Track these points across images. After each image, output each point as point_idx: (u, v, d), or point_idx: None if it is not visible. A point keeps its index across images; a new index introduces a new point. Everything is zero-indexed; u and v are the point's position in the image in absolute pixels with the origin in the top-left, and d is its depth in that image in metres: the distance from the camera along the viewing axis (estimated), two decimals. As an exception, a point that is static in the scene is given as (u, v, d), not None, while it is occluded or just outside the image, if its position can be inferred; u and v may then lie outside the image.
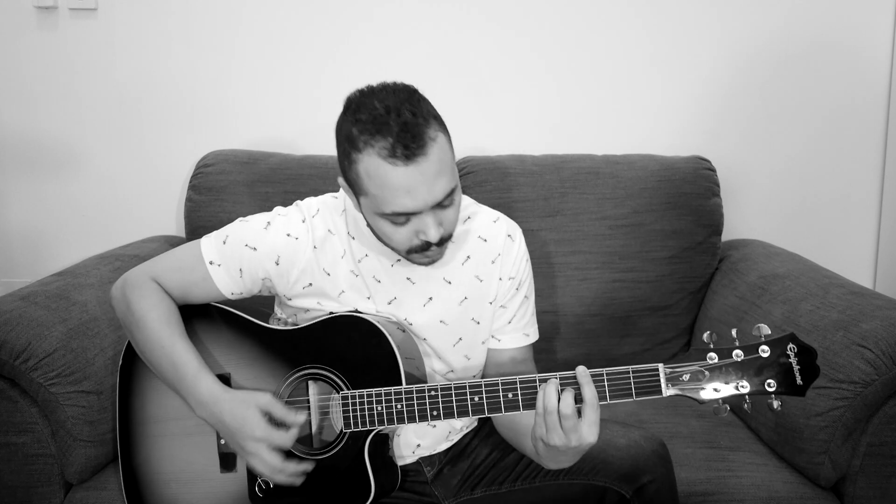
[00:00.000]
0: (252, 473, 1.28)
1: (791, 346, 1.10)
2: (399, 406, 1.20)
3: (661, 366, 1.12)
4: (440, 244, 1.19)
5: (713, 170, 1.95)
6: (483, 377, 1.39)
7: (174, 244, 1.98)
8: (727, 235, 2.04)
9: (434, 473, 1.38)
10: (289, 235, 1.28)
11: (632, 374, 1.12)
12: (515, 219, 1.43)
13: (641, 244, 1.88)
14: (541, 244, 1.87)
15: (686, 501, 1.42)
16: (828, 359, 1.43)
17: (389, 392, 1.21)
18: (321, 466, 1.25)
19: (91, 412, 1.45)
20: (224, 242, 1.29)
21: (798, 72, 2.10)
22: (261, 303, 1.40)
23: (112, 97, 2.13)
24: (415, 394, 1.20)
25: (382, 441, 1.28)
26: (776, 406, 1.10)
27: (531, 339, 1.41)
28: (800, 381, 1.09)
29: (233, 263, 1.28)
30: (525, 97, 2.11)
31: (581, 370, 1.13)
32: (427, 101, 1.17)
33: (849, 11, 2.07)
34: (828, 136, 2.14)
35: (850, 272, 1.91)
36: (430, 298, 1.31)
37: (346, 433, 1.24)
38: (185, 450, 1.32)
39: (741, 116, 2.13)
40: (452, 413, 1.19)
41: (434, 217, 1.16)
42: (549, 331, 1.87)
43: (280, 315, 1.40)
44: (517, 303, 1.37)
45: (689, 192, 1.90)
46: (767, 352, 1.10)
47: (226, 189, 1.91)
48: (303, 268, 1.28)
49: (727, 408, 1.12)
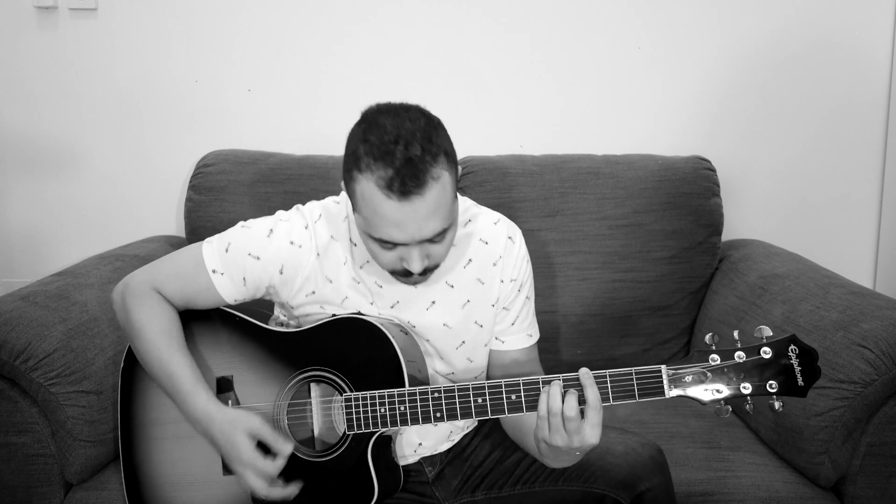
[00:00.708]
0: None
1: (792, 348, 1.11)
2: (402, 408, 1.20)
3: (664, 367, 1.12)
4: (423, 274, 1.19)
5: (713, 170, 1.95)
6: (487, 379, 1.39)
7: (174, 244, 1.98)
8: (727, 235, 2.04)
9: (435, 474, 1.38)
10: (292, 243, 1.27)
11: (635, 376, 1.13)
12: (515, 219, 1.43)
13: (641, 244, 1.88)
14: (541, 244, 1.86)
15: (686, 502, 1.43)
16: (828, 359, 1.43)
17: (393, 394, 1.20)
18: (324, 469, 1.25)
19: (91, 412, 1.45)
20: (226, 251, 1.28)
21: (798, 72, 2.10)
22: (260, 304, 1.41)
23: (112, 97, 2.13)
24: (418, 396, 1.20)
25: (385, 443, 1.28)
26: (777, 407, 1.11)
27: (533, 340, 1.41)
28: (801, 382, 1.10)
29: (236, 272, 1.27)
30: (525, 97, 2.11)
31: (584, 372, 1.13)
32: (444, 136, 1.15)
33: (849, 11, 2.07)
34: (828, 136, 2.14)
35: (850, 272, 1.91)
36: (433, 302, 1.31)
37: (350, 435, 1.24)
38: (187, 453, 1.32)
39: (741, 116, 2.13)
40: (456, 415, 1.19)
41: (420, 250, 1.16)
42: (549, 331, 1.87)
43: (281, 317, 1.39)
44: (519, 304, 1.37)
45: (689, 192, 1.90)
46: (769, 353, 1.11)
47: (226, 189, 1.91)
48: (306, 276, 1.28)
49: (729, 409, 1.12)
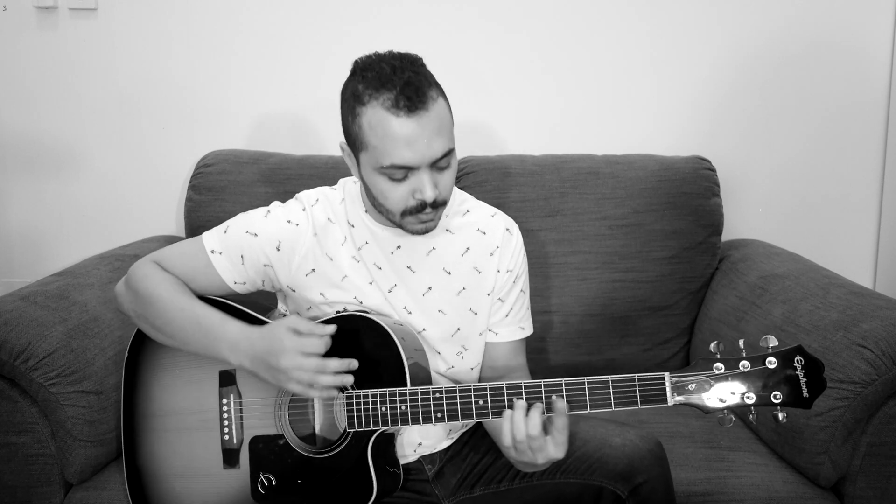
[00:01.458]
0: (254, 471, 1.28)
1: (798, 359, 1.10)
2: (403, 407, 1.20)
3: (667, 375, 1.12)
4: (434, 206, 1.21)
5: (713, 170, 1.95)
6: (480, 370, 1.41)
7: (174, 244, 1.98)
8: (727, 235, 2.04)
9: (435, 472, 1.39)
10: (289, 222, 1.31)
11: (637, 383, 1.13)
12: (515, 219, 1.44)
13: (641, 244, 1.88)
14: (541, 244, 1.87)
15: (686, 501, 1.43)
16: (828, 359, 1.43)
17: (394, 393, 1.21)
18: (323, 465, 1.26)
19: (91, 412, 1.45)
20: (225, 232, 1.32)
21: (798, 72, 2.10)
22: (262, 297, 1.41)
23: (112, 97, 2.13)
24: (419, 395, 1.20)
25: (387, 441, 1.28)
26: (781, 418, 1.10)
27: (526, 333, 1.43)
28: (806, 394, 1.09)
29: (234, 250, 1.30)
30: (525, 97, 2.11)
31: (560, 404, 1.14)
32: (429, 71, 1.21)
33: (849, 11, 2.07)
34: (828, 136, 2.14)
35: (850, 272, 1.91)
36: (430, 288, 1.33)
37: (350, 433, 1.24)
38: (188, 445, 1.33)
39: (741, 116, 2.13)
40: (457, 416, 1.19)
41: (430, 176, 1.19)
42: (549, 331, 1.87)
43: (284, 311, 1.40)
44: (514, 296, 1.39)
45: (689, 192, 1.90)
46: (774, 363, 1.10)
47: (226, 189, 1.91)
48: (304, 253, 1.30)
49: (732, 418, 1.11)
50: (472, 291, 1.35)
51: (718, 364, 1.11)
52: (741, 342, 1.12)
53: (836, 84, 2.11)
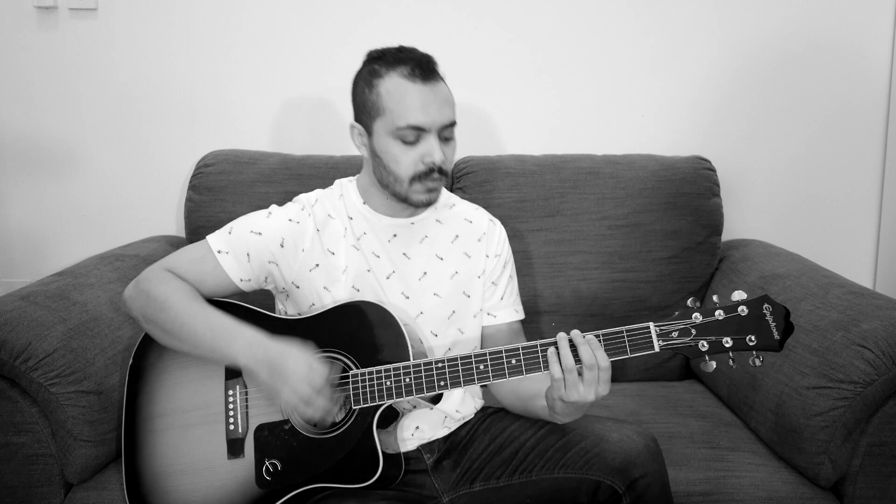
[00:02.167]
0: (259, 458, 1.30)
1: (766, 306, 1.20)
2: (407, 379, 1.27)
3: (652, 324, 1.21)
4: (441, 173, 1.33)
5: (713, 170, 1.95)
6: None
7: (174, 244, 1.98)
8: (727, 235, 2.04)
9: (434, 461, 1.41)
10: (290, 220, 1.39)
11: (626, 334, 1.21)
12: (515, 219, 1.48)
13: (641, 244, 1.88)
14: (541, 244, 1.87)
15: (686, 501, 1.43)
16: (828, 359, 1.43)
17: (398, 367, 1.27)
18: (330, 444, 1.29)
19: (91, 412, 1.45)
20: (230, 233, 1.38)
21: (798, 72, 2.10)
22: (263, 304, 1.41)
23: (112, 97, 2.13)
24: (423, 367, 1.26)
25: (390, 418, 1.31)
26: (758, 363, 1.19)
27: (520, 316, 1.51)
28: (777, 336, 1.20)
29: (240, 249, 1.36)
30: (525, 97, 2.11)
31: (589, 337, 1.21)
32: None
33: (849, 11, 2.07)
34: (828, 136, 2.14)
35: (850, 272, 1.91)
36: (425, 273, 1.42)
37: (356, 410, 1.29)
38: (192, 441, 1.34)
39: (741, 116, 2.13)
40: (459, 381, 1.25)
41: (434, 142, 1.31)
42: (550, 331, 1.87)
43: (283, 311, 1.45)
44: (505, 280, 1.49)
45: (689, 192, 1.90)
46: (745, 311, 1.20)
47: (226, 189, 1.91)
48: (307, 248, 1.37)
49: (714, 364, 1.20)
50: (464, 275, 1.44)
51: (696, 314, 1.21)
52: (714, 297, 1.22)
53: (836, 84, 2.11)
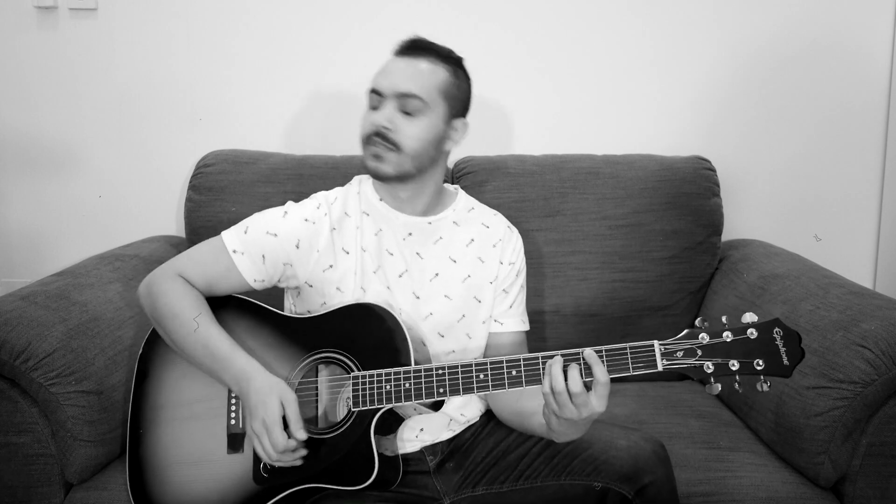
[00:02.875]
0: (258, 454, 1.30)
1: (777, 330, 1.16)
2: (407, 384, 1.25)
3: (656, 342, 1.18)
4: (385, 140, 1.33)
5: (713, 170, 1.95)
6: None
7: (174, 244, 1.98)
8: (727, 235, 2.04)
9: (436, 464, 1.40)
10: (306, 220, 1.38)
11: (629, 351, 1.18)
12: (515, 219, 1.49)
13: (641, 244, 1.88)
14: (541, 244, 1.87)
15: (686, 502, 1.42)
16: (828, 359, 1.43)
17: (399, 371, 1.26)
18: (328, 445, 1.29)
19: (91, 412, 1.45)
20: (245, 232, 1.37)
21: (798, 72, 2.10)
22: (271, 299, 1.42)
23: (112, 97, 2.13)
24: (423, 372, 1.25)
25: (391, 423, 1.31)
26: (765, 388, 1.15)
27: (526, 327, 1.49)
28: (786, 362, 1.16)
29: (255, 250, 1.36)
30: (525, 97, 2.11)
31: (588, 353, 1.18)
32: (457, 57, 1.41)
33: (849, 11, 2.07)
34: (828, 136, 2.14)
35: (850, 272, 1.91)
36: (437, 274, 1.41)
37: (354, 412, 1.28)
38: (193, 433, 1.34)
39: (741, 116, 2.13)
40: (458, 390, 1.24)
41: (391, 110, 1.33)
42: (549, 330, 1.87)
43: (291, 307, 1.45)
44: (517, 289, 1.47)
45: (689, 192, 1.90)
46: (755, 334, 1.16)
47: (226, 189, 1.91)
48: (322, 249, 1.37)
49: (719, 387, 1.17)
50: (477, 280, 1.42)
51: (703, 335, 1.17)
52: (724, 318, 1.18)
53: (836, 84, 2.11)
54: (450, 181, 1.94)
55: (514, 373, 1.22)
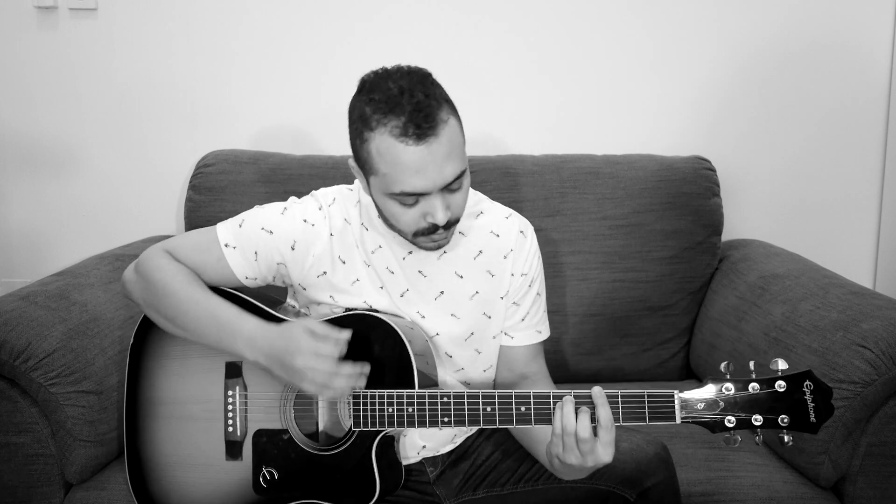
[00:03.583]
0: (257, 464, 1.28)
1: (808, 383, 1.10)
2: (410, 409, 1.20)
3: (676, 393, 1.12)
4: (447, 227, 1.20)
5: (713, 170, 1.95)
6: (495, 374, 1.39)
7: (174, 244, 1.98)
8: (727, 235, 2.04)
9: (437, 474, 1.38)
10: (305, 221, 1.29)
11: (647, 399, 1.12)
12: None
13: (641, 244, 1.88)
14: (541, 244, 1.85)
15: (686, 502, 1.42)
16: (828, 359, 1.43)
17: (402, 395, 1.20)
18: (327, 463, 1.26)
19: (91, 412, 1.45)
20: (240, 226, 1.30)
21: (798, 72, 2.10)
22: (272, 290, 1.41)
23: (112, 97, 2.13)
24: (427, 399, 1.19)
25: (389, 443, 1.28)
26: (787, 441, 1.10)
27: (543, 336, 1.40)
28: (813, 419, 1.10)
29: (248, 246, 1.28)
30: (525, 97, 2.11)
31: (597, 391, 1.12)
32: (440, 86, 1.19)
33: (849, 11, 2.07)
34: (828, 136, 2.14)
35: (850, 272, 1.91)
36: (442, 292, 1.32)
37: (355, 432, 1.24)
38: (191, 434, 1.32)
39: (741, 116, 2.13)
40: (463, 421, 1.18)
41: (442, 200, 1.16)
42: (550, 331, 1.86)
43: (293, 305, 1.40)
44: (530, 300, 1.37)
45: (689, 192, 1.90)
46: (784, 387, 1.10)
47: (226, 189, 1.91)
48: (318, 254, 1.29)
49: (738, 439, 1.12)
50: (486, 295, 1.33)
51: (728, 385, 1.11)
52: (752, 364, 1.12)
53: (836, 84, 2.11)
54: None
55: (524, 409, 1.16)
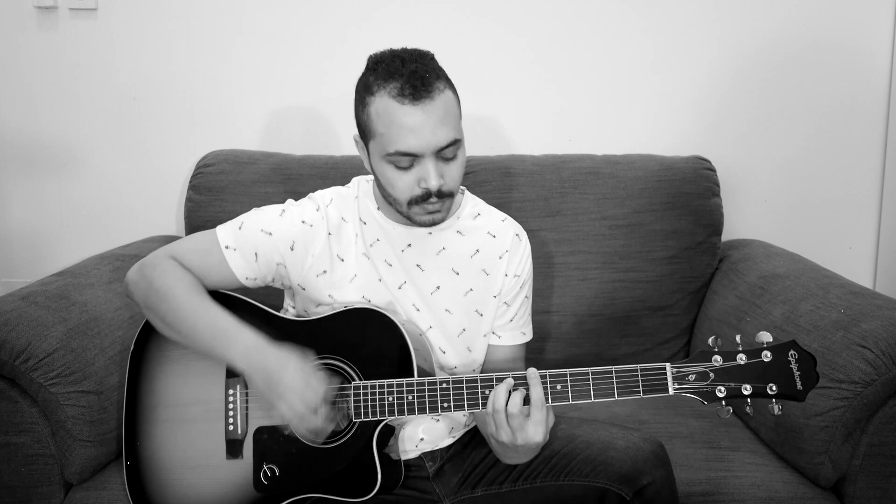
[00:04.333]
0: (258, 461, 1.29)
1: (792, 353, 1.15)
2: (410, 397, 1.23)
3: (668, 365, 1.16)
4: (440, 196, 1.23)
5: (713, 170, 1.95)
6: (481, 372, 1.41)
7: (174, 244, 1.98)
8: (727, 235, 2.04)
9: (436, 469, 1.39)
10: (303, 223, 1.33)
11: (640, 373, 1.16)
12: (515, 219, 1.46)
13: (641, 244, 1.88)
14: (541, 244, 1.86)
15: (686, 502, 1.43)
16: (828, 359, 1.43)
17: (402, 383, 1.24)
18: (328, 455, 1.27)
19: (91, 412, 1.45)
20: (239, 228, 1.34)
21: (798, 72, 2.10)
22: (269, 298, 1.41)
23: (112, 97, 2.13)
24: (426, 386, 1.23)
25: (389, 435, 1.30)
26: (777, 411, 1.14)
27: (527, 338, 1.45)
28: (800, 386, 1.14)
29: (248, 248, 1.32)
30: (525, 97, 2.11)
31: (531, 372, 1.18)
32: (439, 65, 1.26)
33: (849, 11, 2.07)
34: (828, 136, 2.14)
35: (850, 272, 1.91)
36: (438, 287, 1.35)
37: (356, 423, 1.26)
38: (191, 435, 1.33)
39: (741, 116, 2.13)
40: (463, 405, 1.22)
41: (435, 165, 1.21)
42: (549, 331, 1.87)
43: (291, 309, 1.42)
44: (519, 302, 1.41)
45: (689, 192, 1.90)
46: (769, 357, 1.15)
47: (226, 189, 1.91)
48: (317, 254, 1.32)
49: (730, 410, 1.15)
50: (480, 293, 1.37)
51: (717, 357, 1.16)
52: (738, 337, 1.17)
53: (836, 84, 2.11)
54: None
55: (522, 390, 1.19)
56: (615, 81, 2.11)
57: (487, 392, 1.20)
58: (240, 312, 1.34)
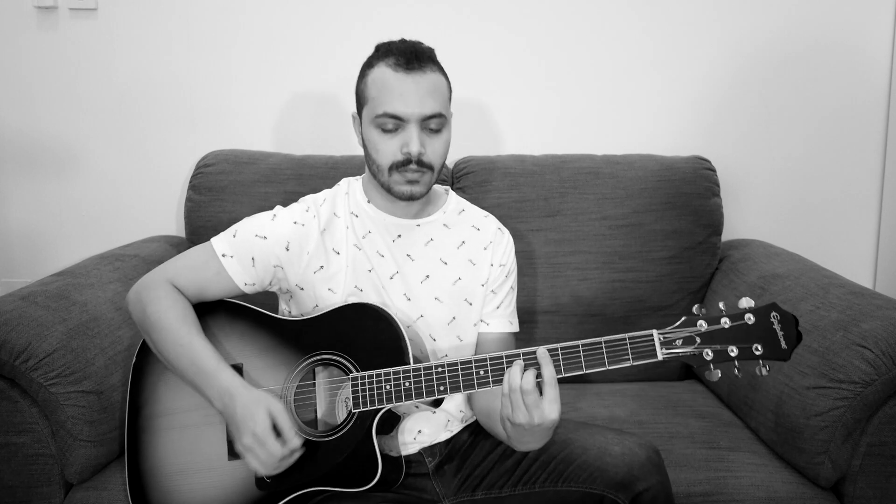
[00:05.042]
0: (253, 470, 1.29)
1: (774, 314, 1.17)
2: (407, 384, 1.25)
3: (655, 332, 1.18)
4: (420, 165, 1.30)
5: (713, 170, 1.95)
6: None
7: (174, 244, 1.98)
8: (727, 235, 2.04)
9: (435, 465, 1.40)
10: (295, 223, 1.37)
11: (629, 341, 1.18)
12: (515, 219, 1.47)
13: (641, 244, 1.88)
14: (541, 244, 1.87)
15: (686, 502, 1.43)
16: (828, 359, 1.43)
17: (398, 371, 1.26)
18: (329, 448, 1.28)
19: (91, 412, 1.45)
20: (234, 236, 1.37)
21: (798, 72, 2.10)
22: (265, 303, 1.41)
23: (112, 97, 2.13)
24: (422, 371, 1.25)
25: (390, 425, 1.31)
26: (764, 372, 1.16)
27: (514, 329, 1.48)
28: (784, 346, 1.16)
29: (245, 253, 1.35)
30: (525, 97, 2.11)
31: (541, 351, 1.19)
32: (438, 59, 1.35)
33: (849, 11, 2.07)
34: (828, 136, 2.14)
35: (850, 272, 1.91)
36: (428, 276, 1.39)
37: (355, 413, 1.28)
38: (193, 441, 1.34)
39: (741, 116, 2.13)
40: (459, 387, 1.23)
41: (419, 133, 1.29)
42: (549, 331, 1.87)
43: (287, 311, 1.44)
44: (505, 290, 1.46)
45: (689, 192, 1.90)
46: (752, 319, 1.16)
47: (226, 189, 1.91)
48: (312, 251, 1.36)
49: (719, 373, 1.17)
50: (468, 282, 1.42)
51: (701, 322, 1.17)
52: (721, 304, 1.19)
53: (836, 84, 2.11)
54: (450, 182, 1.95)
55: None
56: (615, 81, 2.11)
57: (482, 372, 1.22)
58: (238, 317, 1.36)
